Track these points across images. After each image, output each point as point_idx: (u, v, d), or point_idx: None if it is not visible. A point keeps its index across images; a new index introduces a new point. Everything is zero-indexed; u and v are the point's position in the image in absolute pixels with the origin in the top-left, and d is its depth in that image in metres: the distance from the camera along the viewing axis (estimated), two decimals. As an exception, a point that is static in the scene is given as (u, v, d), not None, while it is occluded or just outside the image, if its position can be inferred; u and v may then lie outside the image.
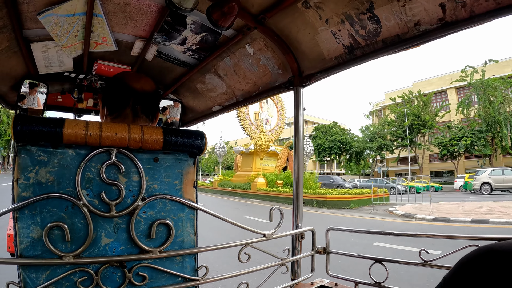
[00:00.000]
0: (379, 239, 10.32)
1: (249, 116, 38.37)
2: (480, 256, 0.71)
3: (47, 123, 1.19)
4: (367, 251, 8.58)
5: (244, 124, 37.99)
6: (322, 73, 2.41)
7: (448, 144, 49.75)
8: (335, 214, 19.20)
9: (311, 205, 23.69)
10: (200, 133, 1.50)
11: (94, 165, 1.27)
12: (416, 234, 2.07)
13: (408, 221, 16.00)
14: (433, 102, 58.16)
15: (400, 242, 9.58)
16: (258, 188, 31.68)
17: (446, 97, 60.91)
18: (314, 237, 2.38)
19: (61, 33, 2.22)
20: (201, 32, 2.41)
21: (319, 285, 2.36)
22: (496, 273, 0.66)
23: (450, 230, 12.68)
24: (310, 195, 24.45)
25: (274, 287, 1.99)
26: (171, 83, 3.30)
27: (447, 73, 60.75)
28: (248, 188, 33.52)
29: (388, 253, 8.72)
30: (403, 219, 16.92)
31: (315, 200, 24.02)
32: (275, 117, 41.33)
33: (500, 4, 1.50)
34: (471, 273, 0.70)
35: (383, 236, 10.24)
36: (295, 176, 2.52)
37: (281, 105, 41.43)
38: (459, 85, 54.39)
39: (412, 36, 1.86)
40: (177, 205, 1.44)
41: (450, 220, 15.06)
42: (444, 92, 61.97)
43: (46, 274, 1.20)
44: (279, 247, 2.28)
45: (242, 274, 1.83)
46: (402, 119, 56.23)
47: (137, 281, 1.35)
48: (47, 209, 1.20)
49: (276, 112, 41.48)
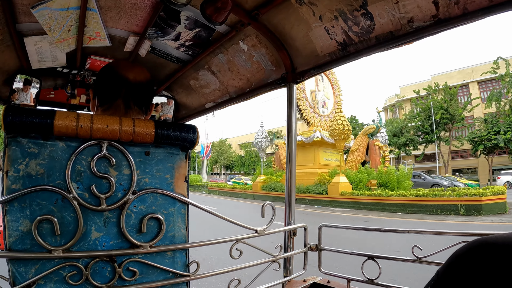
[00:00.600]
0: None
1: (306, 95, 29.45)
2: (473, 249, 0.71)
3: (38, 115, 1.17)
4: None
5: (301, 105, 28.82)
6: (315, 70, 2.41)
7: (485, 139, 44.77)
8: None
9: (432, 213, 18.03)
10: (192, 127, 1.49)
11: (84, 157, 1.26)
12: (409, 230, 2.07)
13: None
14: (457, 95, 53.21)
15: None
16: (344, 192, 23.63)
17: (468, 91, 57.37)
18: (306, 233, 2.38)
19: (55, 27, 2.21)
20: (195, 28, 2.40)
21: (312, 282, 2.36)
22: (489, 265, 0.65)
23: None
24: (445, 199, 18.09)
25: (266, 284, 1.99)
26: (165, 79, 3.30)
27: (468, 67, 58.89)
28: (323, 192, 25.32)
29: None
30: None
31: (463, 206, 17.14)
32: (331, 99, 32.40)
33: (493, 1, 1.52)
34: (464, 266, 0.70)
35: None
36: (287, 173, 2.52)
37: (336, 85, 32.84)
38: (481, 78, 52.58)
39: (405, 33, 1.87)
40: (168, 199, 1.42)
41: None
42: (466, 86, 58.72)
43: (36, 268, 1.19)
44: (274, 244, 2.27)
45: (234, 271, 1.82)
46: (428, 113, 51.35)
47: (127, 276, 1.34)
48: (36, 202, 1.18)
49: (332, 93, 32.72)
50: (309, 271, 2.39)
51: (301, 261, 2.40)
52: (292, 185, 2.51)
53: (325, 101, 31.75)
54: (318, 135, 28.64)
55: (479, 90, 56.88)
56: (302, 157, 29.62)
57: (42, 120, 1.17)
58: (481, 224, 12.98)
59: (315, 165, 29.48)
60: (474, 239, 0.75)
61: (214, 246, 1.78)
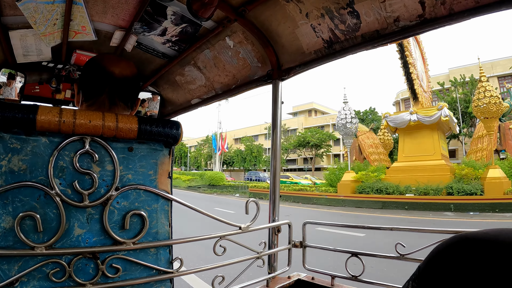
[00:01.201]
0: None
1: (414, 60, 22.53)
2: (454, 244, 0.71)
3: (21, 109, 1.16)
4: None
5: (412, 72, 22.12)
6: (301, 67, 2.43)
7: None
8: None
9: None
10: (176, 123, 1.48)
11: (67, 153, 1.25)
12: (392, 227, 2.09)
13: None
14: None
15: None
16: (509, 191, 17.46)
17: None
18: (290, 230, 2.40)
19: (40, 21, 2.18)
20: (181, 23, 2.39)
21: (296, 279, 2.38)
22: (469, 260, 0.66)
23: None
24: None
25: (250, 281, 2.00)
26: (150, 75, 3.28)
27: (488, 61, 55.31)
28: (477, 192, 18.38)
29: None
30: None
31: None
32: (423, 73, 25.26)
33: (479, 3, 1.54)
34: (445, 261, 0.71)
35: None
36: (272, 170, 2.52)
37: (425, 57, 26.04)
38: (501, 73, 50.95)
39: (391, 32, 1.89)
40: (152, 195, 1.42)
41: None
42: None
43: (18, 265, 1.17)
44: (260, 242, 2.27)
45: (218, 267, 1.82)
46: (454, 105, 46.18)
47: (111, 273, 1.33)
48: (19, 198, 1.17)
49: (423, 65, 25.67)
50: (293, 268, 2.41)
51: (285, 258, 2.41)
52: (277, 182, 2.51)
53: (422, 75, 24.76)
54: (446, 113, 21.40)
55: (499, 84, 54.11)
56: (413, 145, 23.19)
57: (24, 115, 1.16)
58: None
59: (436, 155, 22.29)
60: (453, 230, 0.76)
61: (199, 243, 1.78)
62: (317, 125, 76.37)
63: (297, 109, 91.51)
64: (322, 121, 79.69)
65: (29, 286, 1.19)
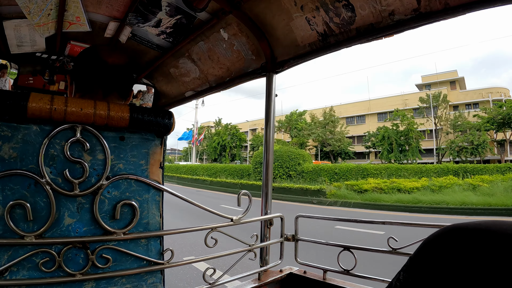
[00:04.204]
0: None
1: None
2: (444, 234, 0.72)
3: (12, 97, 1.15)
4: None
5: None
6: (296, 60, 2.42)
7: None
8: None
9: None
10: (168, 112, 1.47)
11: (58, 141, 1.24)
12: (384, 221, 2.10)
13: None
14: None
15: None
16: None
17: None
18: (283, 224, 2.40)
19: (34, 11, 2.17)
20: (176, 14, 2.38)
21: (288, 272, 2.38)
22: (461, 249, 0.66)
23: None
24: None
25: (242, 274, 2.00)
26: (145, 67, 3.27)
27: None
28: None
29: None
30: None
31: None
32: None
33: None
34: (436, 251, 0.71)
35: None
36: (264, 163, 2.52)
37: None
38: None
39: (386, 26, 1.89)
40: (143, 185, 1.41)
41: None
42: None
43: (8, 254, 1.17)
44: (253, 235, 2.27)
45: (209, 259, 1.82)
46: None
47: (101, 263, 1.33)
48: (9, 186, 1.16)
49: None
50: (285, 262, 2.41)
51: (278, 251, 2.41)
52: (269, 176, 2.51)
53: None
54: None
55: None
56: None
57: (15, 102, 1.15)
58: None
59: None
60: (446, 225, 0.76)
61: (191, 234, 1.78)
62: (469, 102, 53.52)
63: (429, 80, 61.61)
64: (476, 96, 53.61)
65: (18, 276, 1.18)
